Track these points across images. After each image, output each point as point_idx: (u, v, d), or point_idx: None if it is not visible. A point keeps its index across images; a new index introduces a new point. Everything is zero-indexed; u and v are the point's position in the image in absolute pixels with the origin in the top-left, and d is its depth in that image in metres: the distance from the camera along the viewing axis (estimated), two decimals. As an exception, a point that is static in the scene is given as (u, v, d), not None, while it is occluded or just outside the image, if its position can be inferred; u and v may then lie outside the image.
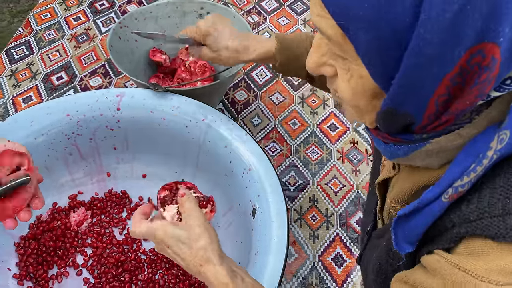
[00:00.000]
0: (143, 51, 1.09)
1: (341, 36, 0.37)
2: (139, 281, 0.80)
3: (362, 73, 0.38)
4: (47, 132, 0.84)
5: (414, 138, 0.40)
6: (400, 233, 0.44)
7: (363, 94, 0.40)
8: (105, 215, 0.88)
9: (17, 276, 0.80)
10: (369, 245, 0.60)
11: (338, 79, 0.42)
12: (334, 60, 0.41)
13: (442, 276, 0.38)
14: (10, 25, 2.71)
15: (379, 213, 0.57)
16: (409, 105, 0.37)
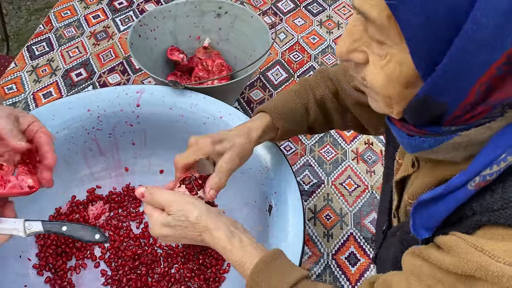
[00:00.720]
0: (161, 49, 1.11)
1: (386, 18, 0.37)
2: (155, 275, 0.82)
3: (401, 59, 0.38)
4: (68, 126, 0.86)
5: (441, 130, 0.40)
6: (418, 219, 0.44)
7: (397, 82, 0.40)
8: (122, 209, 0.90)
9: (36, 266, 0.81)
10: (385, 244, 0.61)
11: (369, 66, 0.42)
12: (367, 47, 0.41)
13: (457, 254, 0.38)
14: (27, 23, 2.75)
15: (395, 211, 0.58)
16: (448, 93, 0.37)
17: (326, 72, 0.75)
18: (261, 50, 1.05)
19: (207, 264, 0.82)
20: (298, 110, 0.73)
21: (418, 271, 0.43)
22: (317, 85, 0.74)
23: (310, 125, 0.75)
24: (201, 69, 1.09)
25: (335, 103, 0.74)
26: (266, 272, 0.55)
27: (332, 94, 0.74)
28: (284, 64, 1.24)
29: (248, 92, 1.17)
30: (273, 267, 0.56)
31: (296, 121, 0.73)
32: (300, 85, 0.75)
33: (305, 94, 0.74)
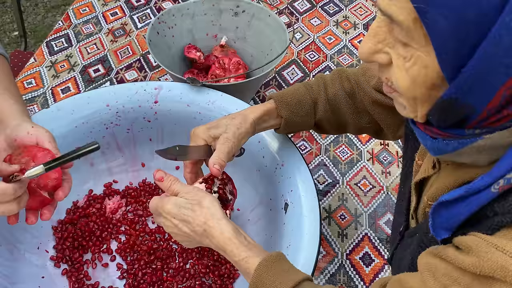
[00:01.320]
0: (179, 47, 1.11)
1: (413, 21, 0.37)
2: (170, 270, 0.82)
3: (427, 61, 0.38)
4: (87, 121, 0.87)
5: (466, 133, 0.40)
6: (438, 219, 0.44)
7: (422, 84, 0.40)
8: (138, 204, 0.91)
9: (54, 258, 0.83)
10: (402, 245, 0.61)
11: (393, 68, 0.42)
12: (391, 48, 0.41)
13: (477, 254, 0.38)
14: (44, 19, 2.79)
15: (413, 213, 0.58)
16: (474, 96, 0.37)
17: (344, 72, 0.75)
18: (278, 49, 1.05)
19: (221, 260, 0.83)
20: (306, 103, 0.73)
21: (434, 270, 0.42)
22: (332, 83, 0.74)
23: (318, 121, 0.75)
24: (218, 67, 1.10)
25: (349, 103, 0.74)
26: (271, 269, 0.56)
27: (346, 94, 0.74)
28: (299, 63, 1.24)
29: (263, 91, 1.17)
30: (278, 266, 0.57)
31: (301, 114, 0.73)
32: (315, 80, 0.76)
33: (317, 89, 0.74)
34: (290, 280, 0.54)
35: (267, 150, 0.83)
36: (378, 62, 0.44)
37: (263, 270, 0.56)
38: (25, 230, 0.81)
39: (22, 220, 0.80)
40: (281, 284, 0.54)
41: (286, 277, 0.55)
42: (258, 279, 0.56)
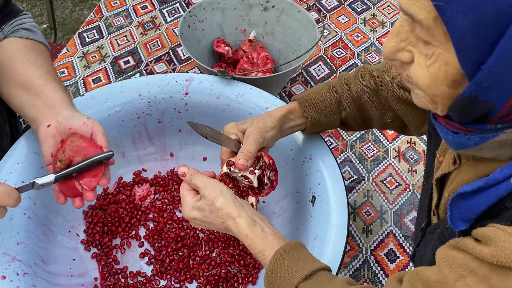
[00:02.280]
0: (208, 41, 1.13)
1: (433, 19, 0.38)
2: (197, 257, 0.84)
3: (447, 59, 0.39)
4: (120, 109, 0.89)
5: (487, 128, 0.41)
6: (457, 211, 0.45)
7: (443, 81, 0.41)
8: (166, 192, 0.93)
9: (84, 241, 0.85)
10: (423, 242, 0.61)
11: (414, 65, 0.43)
12: (413, 46, 0.43)
13: (495, 244, 0.38)
14: (72, 13, 2.85)
15: (435, 209, 0.58)
16: (494, 93, 0.38)
17: (368, 69, 0.76)
18: (307, 44, 1.06)
19: (247, 250, 0.84)
20: (330, 102, 0.74)
21: (451, 260, 0.43)
22: (355, 81, 0.75)
23: (343, 119, 0.76)
24: (246, 62, 1.11)
25: (373, 99, 0.74)
26: (287, 257, 0.57)
27: (370, 90, 0.74)
28: (326, 60, 1.24)
29: (290, 86, 1.18)
30: (295, 254, 0.58)
31: (326, 113, 0.74)
32: (337, 80, 0.77)
33: (340, 88, 0.75)
34: (306, 268, 0.55)
35: (295, 143, 0.84)
36: (400, 60, 0.45)
37: (280, 257, 0.57)
38: (58, 213, 0.84)
39: (55, 203, 0.83)
40: (296, 272, 0.55)
41: (302, 265, 0.56)
42: (274, 265, 0.57)
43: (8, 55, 0.78)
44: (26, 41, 0.82)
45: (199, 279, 0.81)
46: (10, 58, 0.77)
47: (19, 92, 0.75)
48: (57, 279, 0.76)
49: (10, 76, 0.76)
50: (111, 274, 0.81)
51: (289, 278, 0.55)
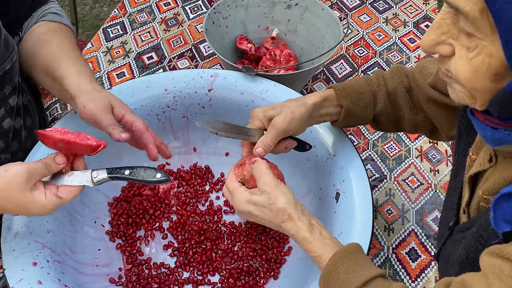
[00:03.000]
0: (231, 38, 1.14)
1: (479, 11, 0.38)
2: (219, 250, 0.85)
3: (491, 51, 0.39)
4: (146, 104, 0.91)
5: None
6: (500, 212, 0.44)
7: (485, 75, 0.41)
8: (189, 186, 0.94)
9: (109, 232, 0.87)
10: (451, 240, 0.61)
11: (454, 59, 0.43)
12: (454, 39, 0.43)
13: None
14: (91, 10, 2.89)
15: (466, 207, 0.58)
16: None
17: (403, 68, 0.76)
18: (331, 42, 1.06)
19: (269, 245, 0.85)
20: (366, 95, 0.74)
21: (499, 272, 0.42)
22: (391, 78, 0.75)
23: (377, 115, 0.75)
24: (268, 59, 1.12)
25: (407, 98, 0.74)
26: (346, 261, 0.57)
27: (405, 89, 0.74)
28: (348, 58, 1.24)
29: (311, 84, 1.18)
30: (353, 259, 0.58)
31: (361, 105, 0.73)
32: (374, 75, 0.77)
33: (377, 83, 0.75)
34: (363, 275, 0.55)
35: (318, 140, 0.85)
36: (440, 54, 0.45)
37: (338, 260, 0.57)
38: (84, 204, 0.85)
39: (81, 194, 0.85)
40: (354, 277, 0.55)
41: (359, 271, 0.56)
42: (332, 268, 0.57)
43: (37, 40, 0.81)
44: (53, 23, 0.84)
45: (221, 272, 0.82)
46: (38, 43, 0.80)
47: (47, 79, 0.78)
48: (83, 268, 0.78)
49: (40, 62, 0.79)
50: (135, 265, 0.82)
51: (346, 282, 0.55)
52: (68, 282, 0.70)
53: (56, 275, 0.69)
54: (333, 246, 0.60)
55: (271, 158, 0.75)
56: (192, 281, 0.81)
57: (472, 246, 0.52)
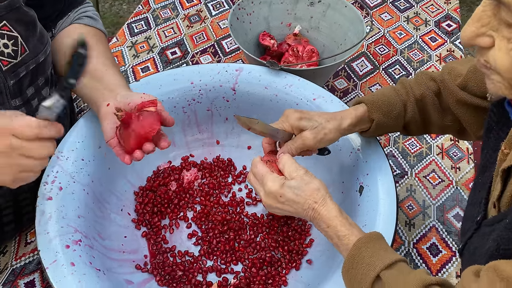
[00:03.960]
0: (255, 34, 1.15)
1: None
2: (242, 241, 0.86)
3: None
4: (173, 96, 0.93)
5: None
6: None
7: None
8: (212, 178, 0.96)
9: (135, 220, 0.89)
10: (478, 234, 0.61)
11: (494, 50, 0.44)
12: (495, 31, 0.44)
13: None
14: (111, 8, 2.93)
15: (496, 201, 0.58)
16: None
17: (428, 73, 0.77)
18: (353, 39, 1.07)
19: (290, 236, 0.86)
20: (397, 105, 0.75)
21: None
22: (417, 84, 0.76)
23: (406, 123, 0.76)
24: (291, 55, 1.13)
25: (435, 102, 0.75)
26: (370, 245, 0.59)
27: (433, 93, 0.75)
28: (369, 56, 1.25)
29: (332, 81, 1.19)
30: (377, 244, 0.60)
31: (392, 116, 0.74)
32: (400, 84, 0.78)
33: (405, 92, 0.76)
34: (387, 258, 0.57)
35: (342, 134, 0.86)
36: (479, 45, 0.46)
37: (362, 244, 0.59)
38: (112, 192, 0.88)
39: (109, 182, 0.87)
40: (379, 260, 0.57)
41: (383, 255, 0.58)
42: (356, 252, 0.59)
43: (73, 41, 0.83)
44: (89, 28, 0.86)
45: (244, 261, 0.84)
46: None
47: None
48: (111, 253, 0.80)
49: None
50: (160, 253, 0.85)
51: (371, 265, 0.57)
52: (98, 266, 0.73)
53: (87, 258, 0.71)
54: (359, 230, 0.62)
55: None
56: (216, 269, 0.83)
57: (504, 238, 0.53)
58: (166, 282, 0.80)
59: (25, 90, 0.75)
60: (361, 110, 0.75)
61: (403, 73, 1.20)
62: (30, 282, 0.82)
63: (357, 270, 0.59)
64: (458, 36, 1.30)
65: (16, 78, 0.72)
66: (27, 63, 0.73)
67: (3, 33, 0.70)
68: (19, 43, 0.72)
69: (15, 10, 0.71)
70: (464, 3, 2.68)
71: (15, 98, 0.73)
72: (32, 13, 0.75)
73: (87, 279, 0.67)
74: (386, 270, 0.57)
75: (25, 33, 0.73)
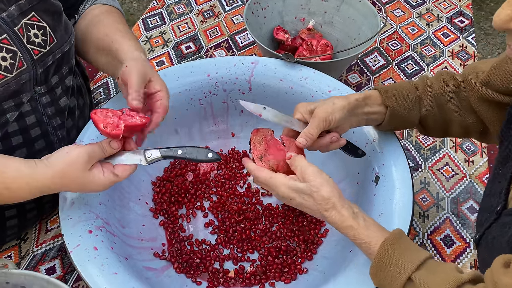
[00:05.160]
0: (269, 28, 1.17)
1: None
2: (258, 230, 0.88)
3: None
4: (190, 88, 0.95)
5: None
6: None
7: None
8: (228, 169, 0.97)
9: (153, 210, 0.90)
10: (497, 224, 0.62)
11: None
12: None
13: None
14: (122, 5, 2.95)
15: None
16: None
17: (449, 72, 0.77)
18: (367, 33, 1.08)
19: (305, 226, 0.87)
20: (411, 96, 0.74)
21: None
22: (437, 81, 0.76)
23: (423, 118, 0.75)
24: (305, 49, 1.14)
25: (455, 100, 0.74)
26: (396, 247, 0.59)
27: (452, 91, 0.74)
28: (382, 51, 1.26)
29: (345, 75, 1.20)
30: (402, 244, 0.60)
31: (406, 107, 0.73)
32: (420, 79, 0.77)
33: (422, 85, 0.75)
34: (415, 258, 0.57)
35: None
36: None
37: (389, 246, 0.59)
38: (131, 182, 0.89)
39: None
40: (407, 262, 0.57)
41: (411, 255, 0.58)
42: (384, 255, 0.59)
43: (91, 21, 0.86)
44: (105, 6, 0.89)
45: (260, 250, 0.85)
46: (92, 23, 0.85)
47: (101, 56, 0.84)
48: (130, 241, 0.82)
49: (93, 40, 0.84)
50: (178, 241, 0.86)
51: (400, 268, 0.57)
52: (118, 252, 0.74)
53: (109, 243, 0.73)
54: (378, 233, 0.62)
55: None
56: (233, 257, 0.84)
57: None
58: (184, 269, 0.82)
59: (50, 78, 0.77)
60: (371, 92, 0.74)
61: (416, 68, 1.21)
62: (51, 268, 0.84)
63: (386, 272, 0.59)
64: (471, 32, 1.30)
65: (44, 67, 0.74)
66: (54, 52, 0.76)
67: (33, 23, 0.72)
68: (47, 33, 0.74)
69: (43, 1, 0.73)
70: (474, 1, 2.68)
71: (40, 85, 0.75)
72: (58, 3, 0.77)
73: (110, 263, 0.69)
74: (416, 271, 0.57)
75: (52, 23, 0.75)
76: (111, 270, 0.68)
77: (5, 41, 0.69)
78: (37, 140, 0.77)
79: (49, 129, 0.78)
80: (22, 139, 0.74)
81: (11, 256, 0.86)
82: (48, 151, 0.70)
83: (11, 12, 0.70)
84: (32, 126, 0.75)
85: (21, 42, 0.70)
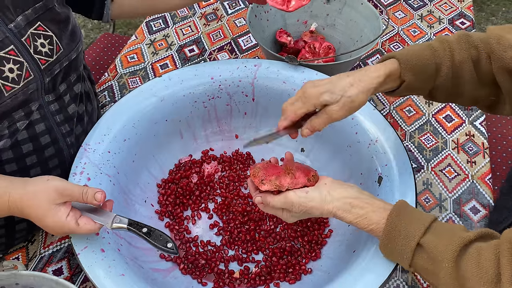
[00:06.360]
0: (271, 31, 1.18)
1: None
2: (262, 231, 0.88)
3: None
4: (194, 91, 0.96)
5: None
6: None
7: None
8: (232, 171, 0.98)
9: (158, 211, 0.91)
10: None
11: None
12: None
13: None
14: (124, 8, 2.98)
15: None
16: None
17: (472, 38, 0.70)
18: (370, 35, 1.09)
19: (309, 227, 0.88)
20: (430, 68, 0.69)
21: None
22: (459, 50, 0.70)
23: (433, 88, 0.72)
24: (307, 51, 1.15)
25: (473, 73, 0.70)
26: (401, 218, 0.62)
27: (473, 63, 0.69)
28: (384, 53, 1.26)
29: (348, 78, 1.21)
30: (407, 214, 0.62)
31: (422, 79, 0.69)
32: (439, 44, 0.71)
33: (443, 54, 0.69)
34: (421, 224, 0.60)
35: (360, 127, 0.88)
36: None
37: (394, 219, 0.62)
38: (136, 184, 0.90)
39: (133, 174, 0.90)
40: (414, 229, 0.60)
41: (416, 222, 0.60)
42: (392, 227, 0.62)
43: None
44: None
45: (264, 251, 0.86)
46: None
47: None
48: (136, 242, 0.83)
49: None
50: (183, 242, 0.87)
51: (408, 236, 0.60)
52: (125, 253, 0.75)
53: (116, 245, 0.74)
54: (381, 210, 0.65)
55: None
56: (237, 258, 0.85)
57: None
58: (189, 270, 0.83)
59: (58, 86, 0.78)
60: (391, 67, 0.68)
61: (418, 69, 1.22)
62: (58, 269, 0.85)
63: (395, 243, 0.61)
64: (472, 33, 1.31)
65: (51, 75, 0.75)
66: (61, 61, 0.76)
67: (39, 33, 0.73)
68: (54, 42, 0.75)
69: (48, 11, 0.74)
70: (475, 2, 2.69)
71: (48, 94, 0.76)
72: (64, 11, 0.78)
73: (117, 265, 0.70)
74: (424, 236, 0.59)
75: (59, 32, 0.76)
76: (118, 271, 0.69)
77: (12, 53, 0.69)
78: (47, 147, 0.78)
79: (58, 136, 0.79)
80: (32, 147, 0.76)
81: (18, 258, 0.87)
82: (58, 157, 0.71)
83: (19, 22, 0.71)
84: (41, 134, 0.76)
85: (28, 53, 0.71)
